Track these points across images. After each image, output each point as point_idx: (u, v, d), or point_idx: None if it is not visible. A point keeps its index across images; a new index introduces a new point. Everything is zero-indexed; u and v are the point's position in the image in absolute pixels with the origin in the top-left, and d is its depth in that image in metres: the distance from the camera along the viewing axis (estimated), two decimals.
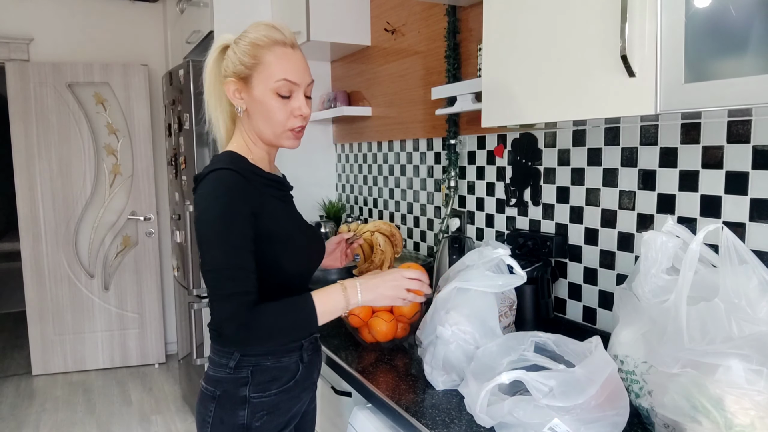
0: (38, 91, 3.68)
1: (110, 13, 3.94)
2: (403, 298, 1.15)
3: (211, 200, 1.06)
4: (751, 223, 1.15)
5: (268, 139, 1.17)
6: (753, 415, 0.82)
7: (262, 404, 1.14)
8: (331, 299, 1.09)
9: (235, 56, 1.12)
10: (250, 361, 1.14)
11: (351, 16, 2.50)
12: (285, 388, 1.17)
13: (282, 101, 1.13)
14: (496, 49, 1.29)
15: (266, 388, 1.15)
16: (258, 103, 1.13)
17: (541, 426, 0.91)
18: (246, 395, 1.13)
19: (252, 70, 1.11)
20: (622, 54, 0.95)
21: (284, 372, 1.17)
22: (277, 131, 1.15)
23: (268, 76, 1.11)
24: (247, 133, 1.18)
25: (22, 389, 3.63)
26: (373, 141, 2.61)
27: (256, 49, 1.11)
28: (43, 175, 3.73)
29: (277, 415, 1.17)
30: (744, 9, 0.80)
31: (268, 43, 1.11)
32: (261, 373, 1.14)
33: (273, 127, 1.14)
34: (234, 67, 1.13)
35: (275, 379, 1.16)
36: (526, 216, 1.74)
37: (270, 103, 1.12)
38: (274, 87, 1.11)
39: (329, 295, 1.10)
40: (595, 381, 0.92)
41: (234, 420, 1.13)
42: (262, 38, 1.11)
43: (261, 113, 1.13)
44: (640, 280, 1.01)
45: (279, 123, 1.14)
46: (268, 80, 1.11)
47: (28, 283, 3.77)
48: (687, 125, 1.26)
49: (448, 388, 1.20)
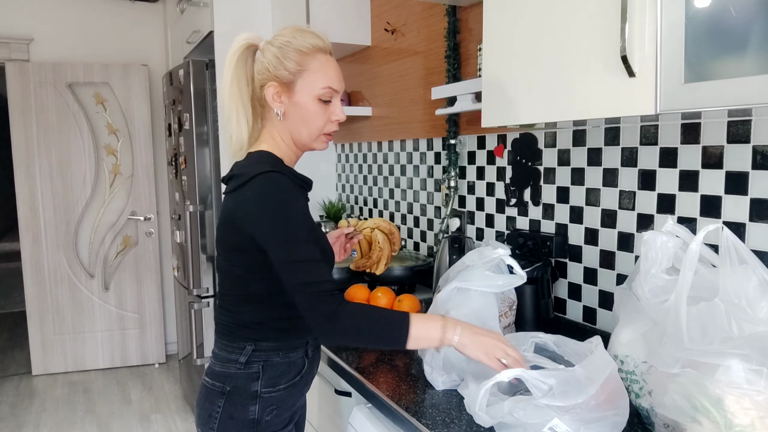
0: (38, 91, 3.68)
1: (110, 13, 3.94)
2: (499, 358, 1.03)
3: (273, 199, 1.07)
4: (751, 223, 1.15)
5: (303, 143, 1.20)
6: (753, 415, 0.82)
7: (272, 399, 1.17)
8: (428, 326, 1.05)
9: (277, 61, 1.14)
10: (260, 357, 1.16)
11: (351, 17, 2.50)
12: (292, 382, 1.20)
13: (323, 107, 1.17)
14: (496, 49, 1.29)
15: (276, 382, 1.17)
16: (299, 107, 1.16)
17: (541, 426, 0.91)
18: (257, 390, 1.15)
19: (296, 76, 1.15)
20: (622, 54, 0.95)
21: (292, 367, 1.20)
22: (314, 135, 1.19)
23: (313, 82, 1.15)
24: (280, 135, 1.20)
25: (22, 389, 3.63)
26: (373, 141, 2.61)
27: (301, 56, 1.14)
28: (43, 175, 3.74)
29: (283, 410, 1.19)
30: (744, 9, 0.80)
31: (313, 51, 1.16)
32: (271, 368, 1.17)
33: (311, 131, 1.18)
34: (276, 71, 1.14)
35: (284, 374, 1.18)
36: (526, 216, 1.74)
37: (313, 108, 1.16)
38: (318, 94, 1.16)
39: (427, 321, 1.06)
40: (595, 381, 0.92)
41: (244, 415, 1.15)
42: (308, 45, 1.15)
43: (300, 117, 1.17)
44: (640, 280, 1.01)
45: (317, 128, 1.18)
46: (313, 87, 1.15)
47: (28, 283, 3.77)
48: (687, 125, 1.26)
49: (448, 388, 1.20)
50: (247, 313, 1.17)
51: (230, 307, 1.19)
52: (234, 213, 1.11)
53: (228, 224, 1.14)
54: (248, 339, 1.17)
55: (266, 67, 1.16)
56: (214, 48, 2.72)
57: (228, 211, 1.14)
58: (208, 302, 2.94)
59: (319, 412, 1.64)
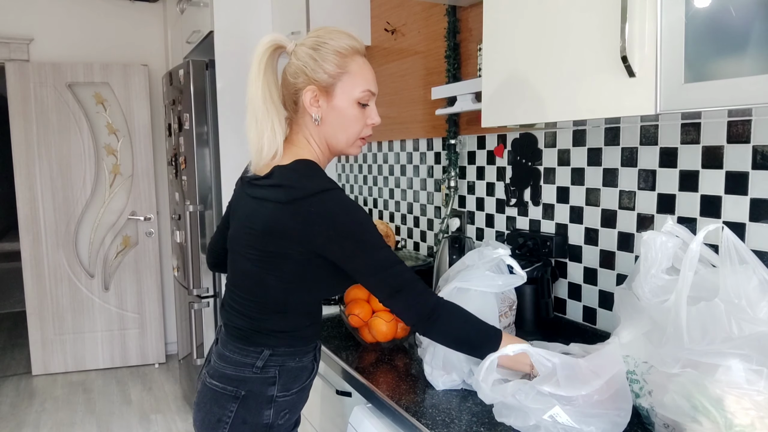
0: (38, 91, 3.68)
1: (110, 13, 3.94)
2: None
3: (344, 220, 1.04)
4: (751, 223, 1.15)
5: (339, 147, 1.16)
6: (753, 415, 0.82)
7: (286, 402, 1.17)
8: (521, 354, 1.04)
9: (314, 63, 1.09)
10: (277, 362, 1.15)
11: (351, 16, 2.50)
12: (303, 386, 1.20)
13: (361, 111, 1.14)
14: (496, 49, 1.29)
15: (290, 387, 1.17)
16: (338, 111, 1.12)
17: (542, 412, 0.91)
18: (273, 395, 1.14)
19: (336, 79, 1.10)
20: (622, 54, 0.95)
21: (304, 371, 1.20)
22: (351, 140, 1.15)
23: (354, 85, 1.11)
24: (316, 140, 1.15)
25: (22, 389, 3.63)
26: (373, 141, 2.61)
27: (341, 59, 1.10)
28: (43, 175, 3.74)
29: (293, 413, 1.20)
30: (744, 9, 0.80)
31: (351, 52, 1.11)
32: (287, 372, 1.16)
33: (349, 136, 1.14)
34: (314, 74, 1.10)
35: (297, 378, 1.18)
36: (526, 216, 1.74)
37: (352, 112, 1.13)
38: (359, 97, 1.12)
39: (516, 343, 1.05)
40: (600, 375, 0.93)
41: (258, 419, 1.13)
42: (345, 47, 1.11)
43: (339, 122, 1.13)
44: (640, 280, 1.01)
45: (355, 132, 1.15)
46: (353, 90, 1.11)
47: (28, 283, 3.77)
48: (687, 125, 1.26)
49: (448, 388, 1.20)
50: (269, 321, 1.14)
51: (249, 313, 1.14)
52: (292, 228, 1.05)
53: (277, 236, 1.07)
54: (267, 345, 1.14)
55: (302, 70, 1.11)
56: (214, 48, 2.72)
57: (279, 223, 1.06)
58: (208, 302, 2.94)
59: (319, 412, 1.64)
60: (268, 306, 1.13)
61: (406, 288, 1.05)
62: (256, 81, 1.10)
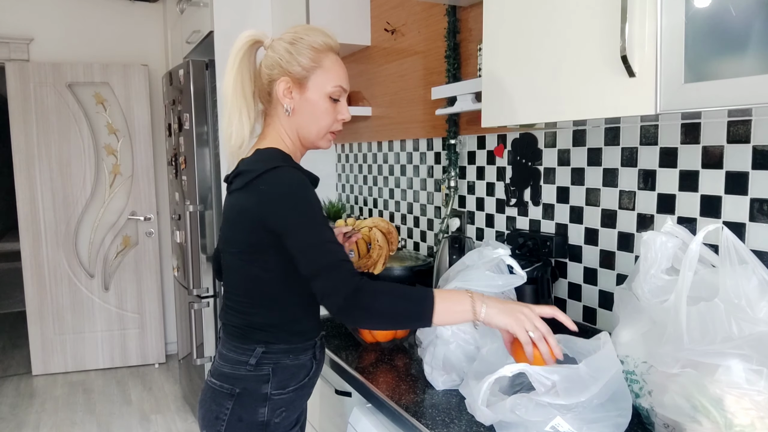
0: (38, 91, 3.68)
1: (110, 13, 3.94)
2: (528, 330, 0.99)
3: (291, 189, 1.07)
4: (751, 223, 1.15)
5: (310, 140, 1.21)
6: (753, 415, 0.82)
7: (282, 401, 1.17)
8: (454, 298, 1.03)
9: (289, 55, 1.14)
10: (271, 359, 1.16)
11: (351, 16, 2.50)
12: (301, 384, 1.20)
13: (332, 105, 1.19)
14: (496, 49, 1.29)
15: (286, 384, 1.17)
16: (310, 104, 1.17)
17: (543, 424, 0.90)
18: (267, 392, 1.15)
19: (310, 72, 1.15)
20: (622, 54, 0.95)
21: (301, 369, 1.20)
22: (322, 132, 1.20)
23: (326, 80, 1.16)
24: (287, 131, 1.20)
25: (22, 389, 3.63)
26: (373, 141, 2.61)
27: (315, 53, 1.15)
28: (43, 175, 3.74)
29: (292, 411, 1.20)
30: (744, 9, 0.80)
31: (325, 49, 1.17)
32: (282, 370, 1.17)
33: (319, 128, 1.19)
34: (289, 66, 1.15)
35: (293, 376, 1.18)
36: (526, 216, 1.74)
37: (323, 105, 1.17)
38: (330, 91, 1.17)
39: (453, 294, 1.04)
40: (598, 379, 0.92)
41: (254, 417, 1.15)
42: (321, 43, 1.16)
43: (310, 114, 1.17)
44: (640, 280, 1.01)
45: (326, 125, 1.19)
46: (326, 84, 1.16)
47: (28, 283, 3.77)
48: (687, 125, 1.26)
49: (448, 388, 1.20)
50: (259, 315, 1.16)
51: (241, 309, 1.17)
52: (248, 209, 1.10)
53: (242, 222, 1.12)
54: (259, 341, 1.16)
55: (277, 62, 1.15)
56: (214, 48, 2.72)
57: (240, 208, 1.12)
58: (208, 302, 2.94)
59: (319, 412, 1.64)
60: (258, 300, 1.15)
61: (332, 267, 1.03)
62: (229, 73, 1.16)
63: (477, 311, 1.01)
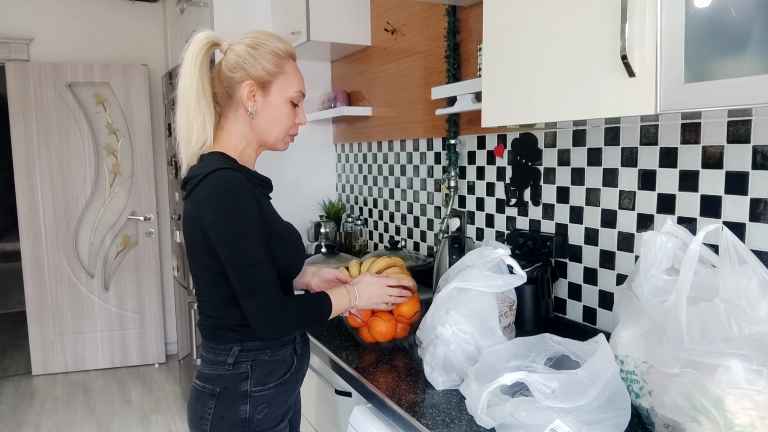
0: (38, 91, 3.68)
1: (110, 13, 3.94)
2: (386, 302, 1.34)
3: (221, 199, 1.08)
4: (751, 223, 1.15)
5: (269, 143, 1.24)
6: (753, 415, 0.82)
7: (263, 397, 1.17)
8: (340, 301, 1.25)
9: (253, 60, 1.17)
10: (248, 356, 1.17)
11: (351, 16, 2.50)
12: (282, 380, 1.21)
13: (293, 110, 1.23)
14: (496, 48, 1.29)
15: (266, 381, 1.18)
16: (272, 107, 1.20)
17: (543, 427, 0.90)
18: (247, 390, 1.16)
19: (273, 77, 1.19)
20: (622, 54, 0.95)
21: (281, 365, 1.21)
22: (281, 136, 1.24)
23: (288, 85, 1.21)
24: (245, 134, 1.22)
25: (22, 389, 3.63)
26: (373, 141, 2.61)
27: (278, 59, 1.19)
28: (43, 175, 3.73)
29: (275, 407, 1.20)
30: (744, 9, 0.80)
31: (286, 55, 1.21)
32: (260, 367, 1.18)
33: (278, 131, 1.23)
34: (252, 70, 1.17)
35: (273, 372, 1.19)
36: (526, 216, 1.74)
37: (285, 110, 1.21)
38: (292, 96, 1.22)
39: (340, 296, 1.25)
40: (597, 382, 0.92)
41: (236, 415, 1.15)
42: (282, 49, 1.20)
43: (272, 117, 1.21)
44: (640, 280, 1.01)
45: (285, 129, 1.23)
46: (288, 89, 1.21)
47: (28, 283, 3.77)
48: (687, 125, 1.26)
49: (448, 388, 1.20)
50: (227, 317, 1.17)
51: (209, 312, 1.19)
52: (194, 216, 1.12)
53: (191, 229, 1.14)
54: (234, 340, 1.17)
55: (240, 65, 1.17)
56: None
57: (188, 215, 1.15)
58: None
59: (319, 412, 1.64)
60: (222, 302, 1.16)
61: (261, 290, 1.09)
62: (191, 75, 1.16)
63: (353, 302, 1.28)
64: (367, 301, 1.30)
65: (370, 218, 2.71)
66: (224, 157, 1.17)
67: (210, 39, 1.17)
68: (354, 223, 2.71)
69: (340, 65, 2.88)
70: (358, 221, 2.73)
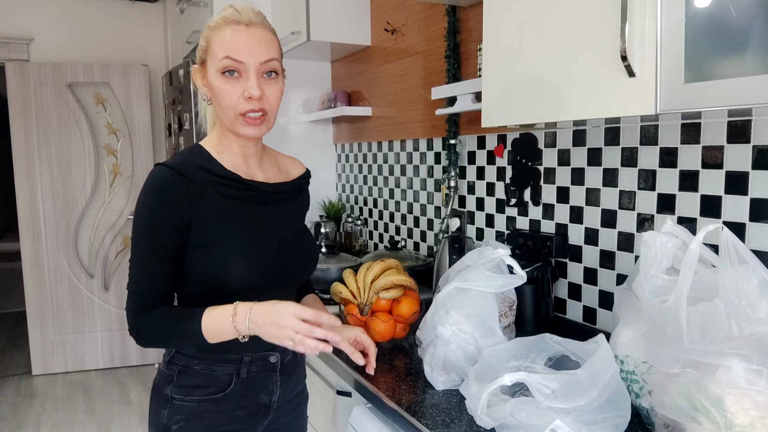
0: (38, 91, 3.68)
1: (110, 13, 3.94)
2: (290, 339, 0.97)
3: (140, 197, 1.05)
4: (751, 223, 1.15)
5: (229, 127, 1.09)
6: (753, 415, 0.82)
7: (183, 408, 1.09)
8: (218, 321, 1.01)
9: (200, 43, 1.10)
10: (181, 360, 1.11)
11: (351, 16, 2.50)
12: (211, 398, 1.10)
13: (229, 82, 1.04)
14: (496, 48, 1.29)
15: (189, 392, 1.10)
16: (211, 87, 1.07)
17: (543, 427, 0.90)
18: (168, 394, 1.10)
19: (206, 53, 1.07)
20: (622, 54, 0.95)
21: (212, 381, 1.10)
22: (230, 116, 1.06)
23: (214, 55, 1.05)
24: (216, 122, 1.14)
25: (22, 389, 3.63)
26: (373, 141, 2.61)
27: (209, 32, 1.07)
28: (43, 175, 3.73)
29: (198, 425, 1.10)
30: (744, 9, 0.80)
31: (221, 24, 1.05)
32: (187, 375, 1.10)
33: (225, 112, 1.06)
34: (198, 54, 1.11)
35: (200, 386, 1.10)
36: (526, 216, 1.74)
37: (217, 85, 1.05)
38: (219, 66, 1.04)
39: (219, 316, 1.01)
40: (596, 383, 0.92)
41: (158, 418, 1.12)
42: (217, 20, 1.06)
43: (215, 98, 1.07)
44: (640, 280, 1.01)
45: (229, 107, 1.05)
46: (215, 61, 1.05)
47: (28, 283, 3.77)
48: (687, 125, 1.26)
49: (448, 388, 1.20)
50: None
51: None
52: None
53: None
54: None
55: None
56: None
57: None
58: None
59: (319, 412, 1.64)
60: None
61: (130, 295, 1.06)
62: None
63: (242, 329, 0.99)
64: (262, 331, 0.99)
65: (370, 218, 2.71)
66: (192, 150, 1.11)
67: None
68: (354, 223, 2.71)
69: (340, 65, 2.88)
70: (358, 221, 2.73)
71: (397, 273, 1.50)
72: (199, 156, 1.09)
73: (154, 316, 1.04)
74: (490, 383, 0.96)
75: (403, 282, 1.48)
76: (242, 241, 1.07)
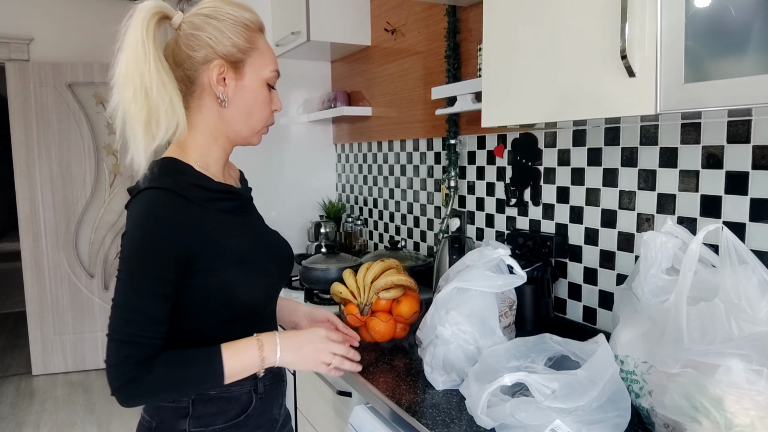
0: (38, 91, 3.68)
1: (110, 13, 3.94)
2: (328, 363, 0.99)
3: (137, 226, 0.89)
4: (751, 223, 1.15)
5: (243, 135, 1.02)
6: (753, 415, 0.82)
7: None
8: (243, 357, 0.93)
9: (221, 34, 0.94)
10: None
11: (351, 16, 2.50)
12: (234, 423, 1.00)
13: (269, 95, 1.01)
14: (496, 49, 1.29)
15: (210, 422, 0.98)
16: (247, 93, 0.98)
17: (543, 427, 0.90)
18: (185, 429, 0.97)
19: (246, 55, 0.97)
20: (622, 54, 0.94)
21: (233, 404, 1.00)
22: (258, 127, 1.02)
23: (263, 64, 0.98)
24: (210, 128, 1.00)
25: (22, 389, 3.63)
26: (373, 141, 2.61)
27: (249, 32, 0.97)
28: (43, 175, 3.74)
29: None
30: (744, 9, 0.80)
31: (257, 27, 0.99)
32: (204, 404, 0.98)
33: (254, 122, 1.00)
34: (221, 47, 0.95)
35: (222, 412, 0.99)
36: (526, 216, 1.74)
37: (262, 94, 0.99)
38: (268, 77, 0.99)
39: (243, 352, 0.93)
40: (597, 383, 0.92)
41: None
42: (252, 20, 0.98)
43: (247, 105, 0.99)
44: (640, 280, 1.01)
45: (263, 118, 1.02)
46: (263, 69, 0.99)
47: (28, 283, 3.77)
48: (687, 125, 1.26)
49: (448, 388, 1.20)
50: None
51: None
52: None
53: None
54: None
55: (205, 41, 0.94)
56: None
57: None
58: None
59: (319, 412, 1.64)
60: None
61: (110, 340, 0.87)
62: (143, 47, 0.91)
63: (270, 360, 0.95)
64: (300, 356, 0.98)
65: (370, 218, 2.71)
66: (173, 167, 0.96)
67: (159, 10, 0.93)
68: (354, 223, 2.71)
69: (340, 65, 2.88)
70: (358, 221, 2.73)
71: (397, 273, 1.50)
72: (185, 173, 0.97)
73: (158, 368, 0.88)
74: (490, 383, 0.96)
75: (403, 282, 1.48)
76: (246, 254, 1.00)
